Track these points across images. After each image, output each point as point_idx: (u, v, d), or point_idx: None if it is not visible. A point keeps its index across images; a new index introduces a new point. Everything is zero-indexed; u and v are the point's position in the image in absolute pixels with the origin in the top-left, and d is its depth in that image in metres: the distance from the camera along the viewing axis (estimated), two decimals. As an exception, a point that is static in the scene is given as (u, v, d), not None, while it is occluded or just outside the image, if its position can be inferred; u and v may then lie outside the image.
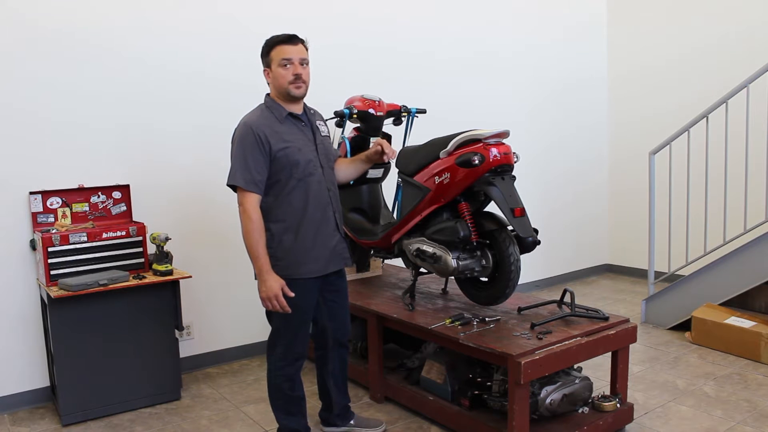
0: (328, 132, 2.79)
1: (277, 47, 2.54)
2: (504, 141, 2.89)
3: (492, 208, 3.10)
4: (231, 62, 3.88)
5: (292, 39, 2.56)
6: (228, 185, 2.52)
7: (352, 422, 2.96)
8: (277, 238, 2.56)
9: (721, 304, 4.12)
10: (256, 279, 2.52)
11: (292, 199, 2.55)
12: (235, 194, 2.54)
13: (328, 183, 2.66)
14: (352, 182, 3.54)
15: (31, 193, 3.29)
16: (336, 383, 2.93)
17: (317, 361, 2.96)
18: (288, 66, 2.53)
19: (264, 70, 2.60)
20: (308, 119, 2.67)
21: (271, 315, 2.64)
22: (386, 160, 2.76)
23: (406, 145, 3.47)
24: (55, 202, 3.35)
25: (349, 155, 3.54)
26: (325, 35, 4.22)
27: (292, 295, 2.51)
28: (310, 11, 4.15)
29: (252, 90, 3.96)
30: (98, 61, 3.46)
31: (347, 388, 3.00)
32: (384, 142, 2.74)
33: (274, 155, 2.50)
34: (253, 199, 2.48)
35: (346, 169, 2.87)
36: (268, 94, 2.66)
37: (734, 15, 4.92)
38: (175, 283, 3.41)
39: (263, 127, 2.51)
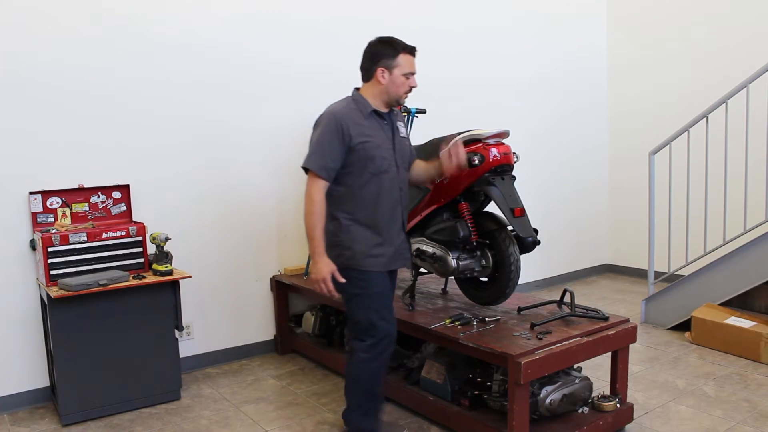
0: (407, 133, 2.79)
1: (407, 56, 2.59)
2: (504, 141, 2.89)
3: (492, 208, 3.10)
4: (232, 63, 3.87)
5: (415, 51, 2.62)
6: (302, 167, 2.56)
7: None
8: (345, 228, 2.59)
9: (721, 304, 4.12)
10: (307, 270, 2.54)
11: (365, 193, 2.58)
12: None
13: (401, 183, 2.68)
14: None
15: (31, 193, 3.29)
16: None
17: (348, 355, 2.90)
18: (410, 78, 2.60)
19: (380, 69, 2.58)
20: (390, 118, 2.68)
21: (354, 308, 2.63)
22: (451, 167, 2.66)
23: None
24: (55, 202, 3.35)
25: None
26: (327, 37, 4.22)
27: (342, 280, 2.55)
28: (314, 13, 4.15)
29: (253, 91, 3.98)
30: (99, 62, 3.46)
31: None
32: (457, 148, 2.62)
33: (353, 147, 2.53)
34: (320, 185, 2.53)
35: (418, 173, 2.84)
36: (357, 89, 2.68)
37: (734, 15, 4.92)
38: (175, 283, 3.41)
39: (347, 119, 2.54)
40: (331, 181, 2.56)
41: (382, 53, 2.58)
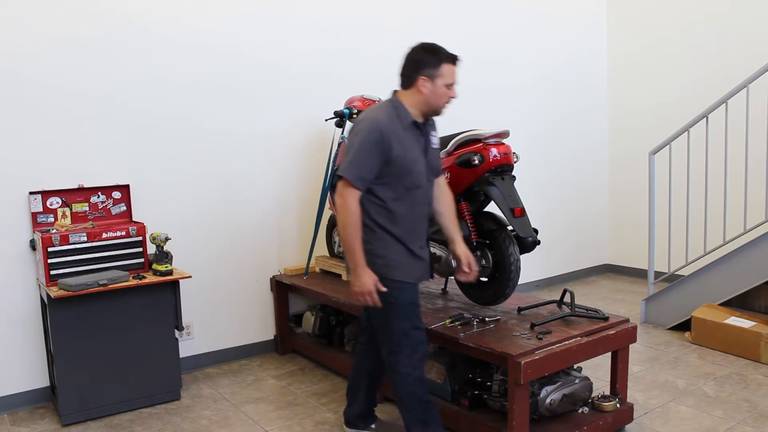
0: (438, 144, 2.71)
1: (450, 66, 2.50)
2: (504, 141, 2.90)
3: (492, 208, 3.10)
4: (232, 63, 3.88)
5: (457, 60, 2.53)
6: (337, 174, 2.48)
7: (373, 426, 2.91)
8: (378, 236, 2.52)
9: (721, 304, 4.12)
10: (347, 274, 2.50)
11: (398, 207, 2.51)
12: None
13: (428, 197, 2.62)
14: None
15: (31, 193, 3.29)
16: (370, 383, 2.88)
17: (358, 355, 2.89)
18: (450, 88, 2.52)
19: (421, 77, 2.47)
20: (425, 130, 2.59)
21: (385, 317, 2.56)
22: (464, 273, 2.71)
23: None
24: (55, 202, 3.35)
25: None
26: (327, 36, 4.22)
27: (384, 290, 2.49)
28: (314, 13, 4.15)
29: (253, 91, 3.98)
30: (99, 62, 3.46)
31: (377, 391, 2.94)
32: (470, 262, 2.67)
33: (392, 158, 2.44)
34: (356, 195, 2.44)
35: (436, 210, 2.73)
36: (396, 92, 2.56)
37: (734, 15, 4.92)
38: (175, 283, 3.41)
39: (390, 130, 2.44)
40: (364, 191, 2.47)
41: (425, 62, 2.47)
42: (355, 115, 3.52)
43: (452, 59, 2.52)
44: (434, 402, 2.64)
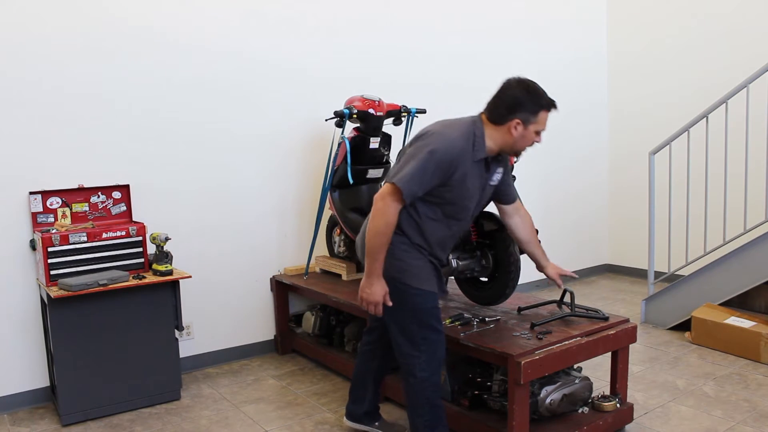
0: (502, 174, 2.61)
1: (545, 114, 2.42)
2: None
3: (492, 208, 3.09)
4: (233, 65, 3.88)
5: (554, 108, 2.45)
6: (392, 182, 2.34)
7: (377, 424, 2.91)
8: (401, 239, 2.46)
9: (721, 304, 4.12)
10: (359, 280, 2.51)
11: (430, 225, 2.46)
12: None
13: (462, 231, 2.59)
14: (352, 182, 3.55)
15: (31, 193, 3.29)
16: (375, 382, 2.88)
17: (364, 354, 2.87)
18: (539, 135, 2.45)
19: (516, 120, 2.39)
20: (492, 167, 2.52)
21: (402, 321, 2.52)
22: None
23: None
24: (55, 202, 3.35)
25: (348, 155, 3.55)
26: (328, 38, 4.22)
27: (390, 304, 2.45)
28: (312, 11, 4.15)
29: (253, 92, 3.98)
30: (99, 62, 3.46)
31: (381, 389, 2.95)
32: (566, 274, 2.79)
33: (449, 183, 2.37)
34: (399, 207, 2.36)
35: (520, 237, 2.78)
36: (482, 117, 2.48)
37: (735, 15, 4.92)
38: (175, 283, 3.41)
39: (461, 158, 2.35)
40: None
41: (524, 105, 2.38)
42: (355, 115, 3.51)
43: (550, 107, 2.42)
44: (443, 405, 2.61)
